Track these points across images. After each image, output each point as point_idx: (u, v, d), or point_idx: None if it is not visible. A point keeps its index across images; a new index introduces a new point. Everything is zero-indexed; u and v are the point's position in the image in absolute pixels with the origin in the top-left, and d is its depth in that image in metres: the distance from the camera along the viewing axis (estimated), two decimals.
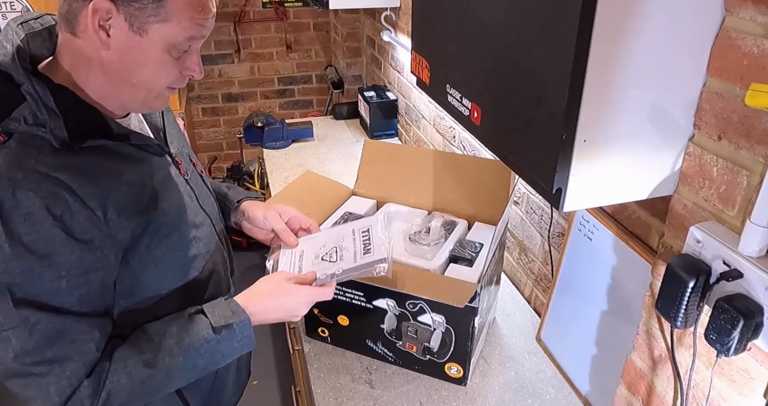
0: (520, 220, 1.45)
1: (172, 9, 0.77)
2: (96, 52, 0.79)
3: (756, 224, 0.60)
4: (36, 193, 0.73)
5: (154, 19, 0.77)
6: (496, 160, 1.26)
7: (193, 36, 0.81)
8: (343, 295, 1.15)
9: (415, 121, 2.21)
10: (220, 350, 0.88)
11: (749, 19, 0.59)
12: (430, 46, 0.96)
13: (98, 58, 0.79)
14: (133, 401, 0.83)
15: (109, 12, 0.75)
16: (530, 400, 1.13)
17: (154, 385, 0.84)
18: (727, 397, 0.70)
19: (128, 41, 0.78)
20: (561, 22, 0.59)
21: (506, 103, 0.73)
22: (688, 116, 0.68)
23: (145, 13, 0.76)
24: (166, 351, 0.84)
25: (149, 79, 0.82)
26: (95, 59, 0.79)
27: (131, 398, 0.83)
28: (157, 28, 0.78)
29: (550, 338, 1.23)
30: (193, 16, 0.80)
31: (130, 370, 0.82)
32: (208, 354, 0.87)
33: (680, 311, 0.69)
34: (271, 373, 2.42)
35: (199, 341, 0.86)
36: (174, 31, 0.79)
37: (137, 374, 0.82)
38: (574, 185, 0.65)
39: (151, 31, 0.78)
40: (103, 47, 0.78)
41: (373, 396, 1.13)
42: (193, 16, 0.79)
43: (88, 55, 0.79)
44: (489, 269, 1.10)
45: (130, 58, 0.79)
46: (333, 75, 3.25)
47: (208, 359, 0.88)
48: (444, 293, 1.04)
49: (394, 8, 2.22)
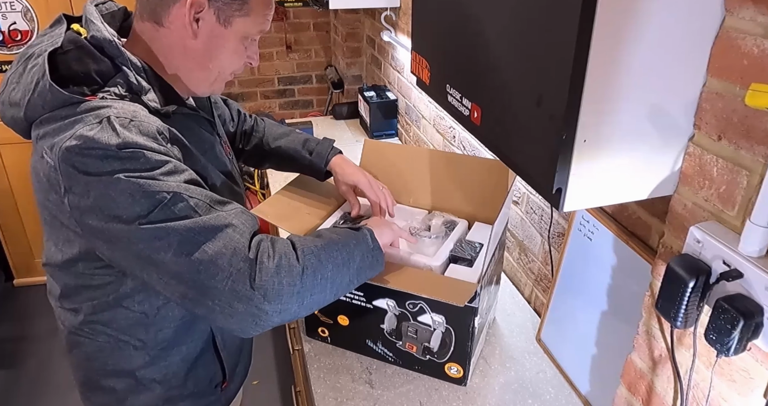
0: (520, 220, 1.45)
1: (252, 5, 0.90)
2: (180, 41, 0.90)
3: (756, 224, 0.60)
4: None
5: (238, 13, 0.90)
6: (495, 160, 1.26)
7: (263, 29, 0.95)
8: None
9: (415, 121, 2.21)
10: (358, 250, 0.93)
11: (749, 19, 0.59)
12: (430, 46, 0.96)
13: (181, 45, 0.90)
14: (319, 270, 0.86)
15: (201, 5, 0.87)
16: (530, 400, 1.13)
17: (332, 256, 0.88)
18: (727, 397, 0.70)
19: (213, 31, 0.90)
20: (561, 22, 0.59)
21: (506, 103, 0.73)
22: (688, 116, 0.68)
23: (232, 8, 0.89)
24: (327, 238, 0.92)
25: (223, 64, 0.95)
26: (177, 47, 0.91)
27: (318, 266, 0.86)
28: (239, 21, 0.90)
29: (550, 338, 1.23)
30: (266, 13, 0.93)
31: (306, 240, 0.89)
32: (351, 253, 0.92)
33: (680, 311, 0.69)
34: (271, 373, 2.42)
35: (345, 235, 0.94)
36: (251, 25, 0.92)
37: (314, 242, 0.89)
38: (574, 185, 0.65)
39: (234, 23, 0.90)
40: (191, 37, 0.89)
41: (373, 396, 1.13)
42: (265, 12, 0.93)
43: (171, 42, 0.90)
44: (489, 268, 1.10)
45: (213, 46, 0.92)
46: (333, 75, 3.25)
47: (349, 256, 0.91)
48: (444, 293, 1.04)
49: (394, 8, 2.22)
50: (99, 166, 0.78)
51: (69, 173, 0.79)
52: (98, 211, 0.79)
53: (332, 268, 0.88)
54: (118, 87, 0.85)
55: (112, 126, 0.79)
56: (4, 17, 2.51)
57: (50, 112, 0.83)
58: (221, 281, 0.79)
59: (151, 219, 0.78)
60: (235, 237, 0.81)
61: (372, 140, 1.49)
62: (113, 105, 0.82)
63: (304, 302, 0.84)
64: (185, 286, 0.80)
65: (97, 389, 1.04)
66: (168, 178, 0.80)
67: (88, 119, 0.79)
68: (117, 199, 0.78)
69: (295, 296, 0.83)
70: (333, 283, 0.88)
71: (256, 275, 0.80)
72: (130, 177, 0.78)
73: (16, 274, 3.01)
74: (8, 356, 2.57)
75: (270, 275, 0.81)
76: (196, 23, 0.88)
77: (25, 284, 3.02)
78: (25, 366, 2.51)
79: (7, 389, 2.40)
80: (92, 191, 0.79)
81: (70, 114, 0.81)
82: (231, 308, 0.80)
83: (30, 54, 0.89)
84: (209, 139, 1.02)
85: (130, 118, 0.81)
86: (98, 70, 0.85)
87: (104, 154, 0.78)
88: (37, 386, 2.41)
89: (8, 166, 2.74)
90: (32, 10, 2.52)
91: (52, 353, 2.57)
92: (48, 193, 0.84)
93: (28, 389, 2.40)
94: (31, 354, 2.57)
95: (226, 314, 0.80)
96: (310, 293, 0.85)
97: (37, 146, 0.85)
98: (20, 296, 2.95)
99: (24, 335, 2.68)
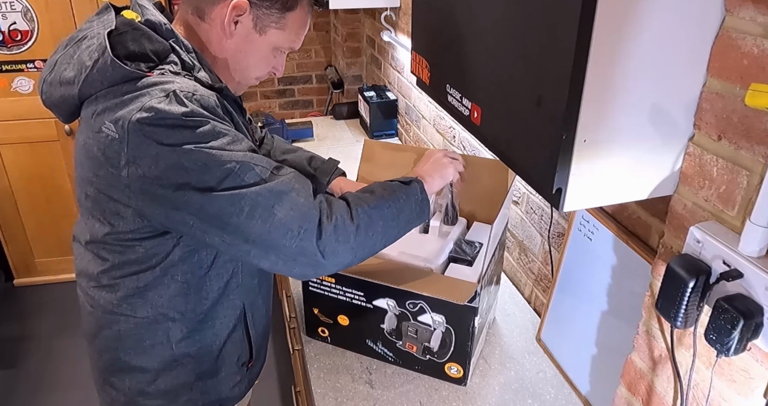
0: (520, 220, 1.45)
1: (289, 21, 0.97)
2: (217, 38, 0.96)
3: (756, 224, 0.60)
4: None
5: (275, 25, 0.96)
6: (495, 160, 1.26)
7: (293, 46, 1.01)
8: (343, 295, 1.15)
9: (415, 121, 2.21)
10: (407, 205, 0.97)
11: (749, 19, 0.59)
12: (430, 46, 0.96)
13: (218, 42, 0.96)
14: (371, 227, 0.92)
15: (244, 10, 0.93)
16: (530, 400, 1.13)
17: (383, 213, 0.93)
18: (727, 397, 0.70)
19: (248, 36, 0.96)
20: (561, 22, 0.59)
21: (506, 103, 0.73)
22: (688, 116, 0.68)
23: (270, 18, 0.95)
24: (379, 195, 0.96)
25: (249, 68, 1.01)
26: (214, 43, 0.97)
27: (370, 223, 0.91)
28: (273, 32, 0.97)
29: (550, 338, 1.23)
30: (299, 32, 1.00)
31: (360, 199, 0.94)
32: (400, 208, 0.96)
33: (680, 311, 0.69)
34: (271, 373, 2.42)
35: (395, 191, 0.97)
36: (283, 38, 0.98)
37: (366, 201, 0.93)
38: (574, 185, 0.65)
39: (269, 33, 0.97)
40: (227, 36, 0.95)
41: (373, 396, 1.13)
42: (299, 31, 1.00)
43: (209, 38, 0.97)
44: (489, 268, 1.10)
45: (244, 50, 0.98)
46: (333, 75, 3.25)
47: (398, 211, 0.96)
48: (444, 292, 1.04)
49: (394, 8, 2.22)
50: (171, 135, 0.82)
51: (139, 144, 0.83)
52: (167, 180, 0.83)
53: (383, 224, 0.94)
54: (172, 65, 0.90)
55: (179, 99, 0.83)
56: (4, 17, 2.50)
57: (109, 87, 0.87)
58: (290, 240, 0.85)
59: (224, 186, 0.84)
60: (300, 200, 0.87)
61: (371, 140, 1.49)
62: (175, 80, 0.87)
63: (357, 254, 0.92)
64: (251, 245, 0.86)
65: (124, 372, 1.05)
66: (234, 147, 0.86)
67: (155, 92, 0.84)
68: (190, 168, 0.83)
69: (349, 251, 0.90)
70: (384, 236, 0.95)
71: (321, 234, 0.87)
72: (201, 147, 0.83)
73: (16, 274, 3.01)
74: (8, 356, 2.56)
75: (329, 233, 0.87)
76: (234, 25, 0.94)
77: (25, 284, 3.02)
78: (25, 366, 2.51)
79: (7, 389, 2.39)
80: (162, 161, 0.83)
81: (132, 89, 0.85)
82: (294, 261, 0.88)
83: (82, 37, 0.93)
84: (244, 124, 1.06)
85: (192, 92, 0.86)
86: (154, 50, 0.89)
87: (174, 123, 0.82)
88: (37, 386, 2.41)
89: (8, 167, 2.74)
90: (32, 10, 2.51)
91: (52, 353, 2.57)
92: (99, 169, 0.88)
93: (28, 389, 2.39)
94: (31, 354, 2.57)
95: (288, 265, 0.88)
96: (363, 247, 0.92)
97: (92, 122, 0.88)
98: (20, 296, 2.95)
99: (24, 335, 2.68)
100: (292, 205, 0.86)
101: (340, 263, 0.91)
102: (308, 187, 0.91)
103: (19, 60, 2.58)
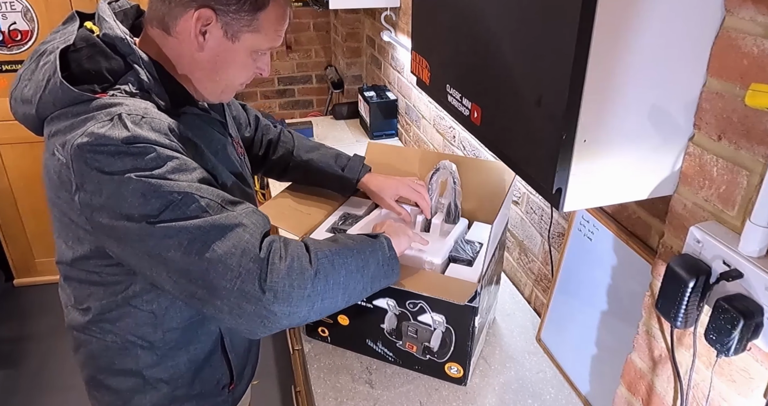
0: (520, 220, 1.45)
1: (263, 21, 0.88)
2: (188, 52, 0.89)
3: (756, 224, 0.60)
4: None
5: (247, 28, 0.88)
6: (495, 161, 1.26)
7: (274, 45, 0.93)
8: None
9: (415, 121, 2.21)
10: (374, 258, 0.92)
11: (749, 19, 0.59)
12: (430, 46, 0.96)
13: (189, 56, 0.90)
14: (332, 274, 0.85)
15: (209, 19, 0.85)
16: (530, 400, 1.13)
17: (346, 261, 0.87)
18: (727, 397, 0.70)
19: (220, 45, 0.88)
20: (561, 22, 0.59)
21: (506, 103, 0.73)
22: (688, 116, 0.68)
23: (240, 23, 0.87)
24: (342, 243, 0.91)
25: (231, 77, 0.94)
26: (186, 57, 0.90)
27: (331, 270, 0.85)
28: (247, 36, 0.89)
29: (550, 338, 1.23)
30: (277, 29, 0.91)
31: (321, 244, 0.89)
32: (366, 260, 0.91)
33: (680, 311, 0.69)
34: (271, 373, 2.42)
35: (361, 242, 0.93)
36: (260, 40, 0.90)
37: (328, 246, 0.88)
38: (574, 185, 0.65)
39: (242, 38, 0.89)
40: (198, 49, 0.88)
41: (373, 396, 1.13)
42: (277, 28, 0.91)
43: (179, 52, 0.90)
44: (489, 268, 1.10)
45: (220, 60, 0.90)
46: (333, 75, 3.25)
47: (363, 264, 0.91)
48: (444, 292, 1.04)
49: (394, 8, 2.22)
50: (111, 163, 0.78)
51: (81, 171, 0.79)
52: (109, 209, 0.79)
53: (345, 274, 0.86)
54: (128, 85, 0.85)
55: (124, 123, 0.79)
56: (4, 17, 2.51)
57: (61, 109, 0.83)
58: (230, 281, 0.78)
59: (162, 218, 0.78)
60: (245, 237, 0.80)
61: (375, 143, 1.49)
62: (124, 102, 0.82)
63: (315, 306, 0.83)
64: (194, 285, 0.79)
65: (102, 388, 1.04)
66: (179, 177, 0.80)
67: (100, 117, 0.80)
68: (128, 198, 0.78)
69: (305, 299, 0.81)
70: (346, 289, 0.87)
71: (267, 276, 0.79)
72: (141, 177, 0.78)
73: (16, 274, 3.01)
74: (8, 356, 2.57)
75: (281, 276, 0.80)
76: (203, 36, 0.87)
77: (25, 283, 3.02)
78: (25, 366, 2.51)
79: (7, 389, 2.39)
80: (104, 189, 0.79)
81: (82, 111, 0.81)
82: (239, 309, 0.79)
83: (43, 51, 0.90)
84: (221, 139, 1.01)
85: (141, 115, 0.81)
86: (109, 68, 0.85)
87: (116, 150, 0.78)
88: (37, 386, 2.41)
89: (8, 166, 2.74)
90: (32, 10, 2.52)
91: (52, 353, 2.57)
92: (59, 191, 0.84)
93: (28, 389, 2.40)
94: (31, 354, 2.57)
95: (234, 314, 0.80)
96: (321, 297, 0.84)
97: (48, 143, 0.85)
98: (20, 296, 2.96)
99: (24, 335, 2.69)
100: (235, 241, 0.79)
101: (293, 313, 0.81)
102: (262, 225, 0.85)
103: (19, 60, 2.58)
